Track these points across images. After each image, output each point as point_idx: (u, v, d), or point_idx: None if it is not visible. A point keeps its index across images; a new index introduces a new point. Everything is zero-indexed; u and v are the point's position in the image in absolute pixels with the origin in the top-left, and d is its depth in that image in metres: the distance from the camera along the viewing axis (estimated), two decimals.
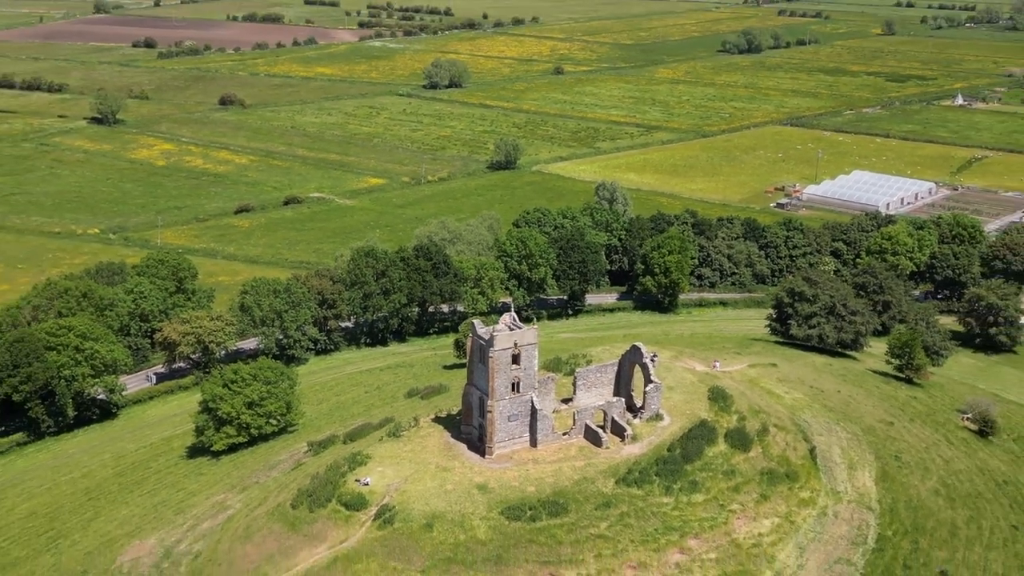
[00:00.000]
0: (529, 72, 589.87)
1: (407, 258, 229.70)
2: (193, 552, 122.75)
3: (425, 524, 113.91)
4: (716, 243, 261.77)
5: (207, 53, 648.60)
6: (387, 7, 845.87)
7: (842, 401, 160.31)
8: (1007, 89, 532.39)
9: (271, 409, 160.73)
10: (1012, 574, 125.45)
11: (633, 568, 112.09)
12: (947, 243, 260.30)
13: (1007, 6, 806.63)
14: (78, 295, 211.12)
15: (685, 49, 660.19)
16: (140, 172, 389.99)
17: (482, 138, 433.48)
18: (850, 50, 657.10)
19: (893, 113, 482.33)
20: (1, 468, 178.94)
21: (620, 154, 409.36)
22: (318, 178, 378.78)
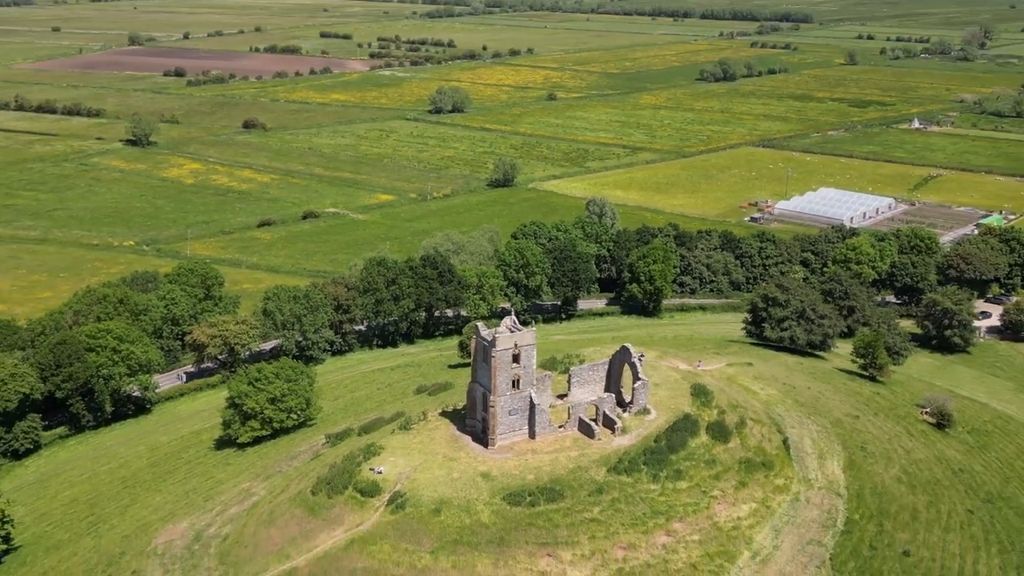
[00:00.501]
0: (525, 98, 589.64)
1: (415, 267, 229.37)
2: (221, 535, 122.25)
3: (434, 509, 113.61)
4: (696, 253, 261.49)
5: (231, 81, 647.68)
6: (395, 39, 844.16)
7: (812, 397, 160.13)
8: (959, 114, 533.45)
9: (292, 404, 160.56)
10: (968, 554, 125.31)
11: (623, 549, 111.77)
12: (906, 253, 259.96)
13: (958, 39, 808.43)
14: (115, 301, 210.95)
15: (666, 78, 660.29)
16: (171, 189, 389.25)
17: (482, 158, 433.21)
18: (816, 78, 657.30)
19: (856, 136, 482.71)
20: (45, 459, 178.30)
21: (608, 173, 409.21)
22: (333, 195, 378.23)
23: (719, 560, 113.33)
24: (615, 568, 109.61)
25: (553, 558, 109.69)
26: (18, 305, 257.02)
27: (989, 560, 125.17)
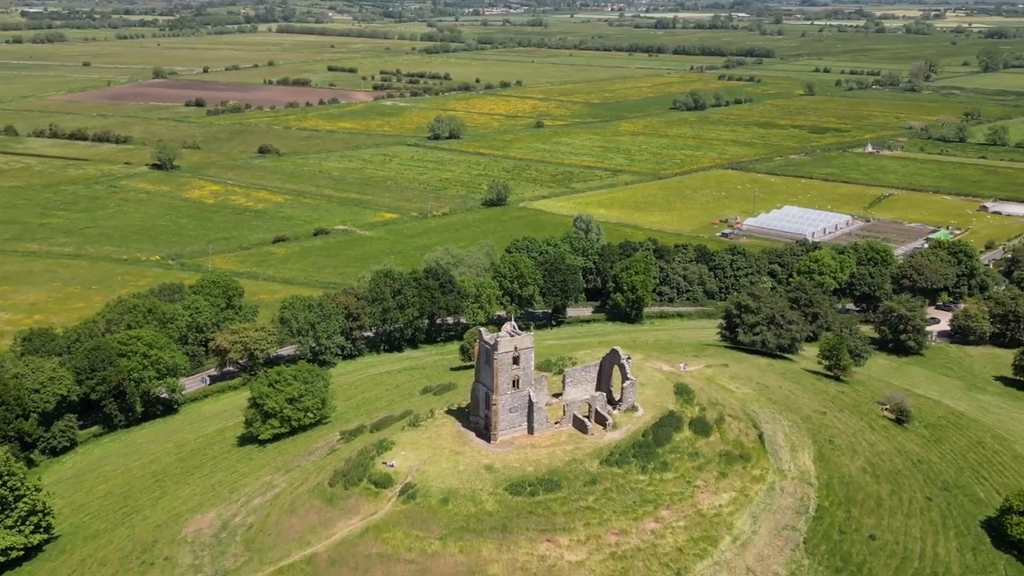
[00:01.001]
0: (515, 126, 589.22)
1: (419, 278, 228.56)
2: (247, 524, 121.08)
3: (442, 499, 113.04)
4: (673, 265, 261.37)
5: (247, 111, 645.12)
6: (396, 73, 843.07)
7: (783, 395, 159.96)
8: (908, 139, 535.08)
9: (308, 404, 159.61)
10: (928, 538, 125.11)
11: (616, 535, 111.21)
12: (863, 265, 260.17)
13: (905, 72, 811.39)
14: (144, 310, 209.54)
15: (643, 107, 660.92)
16: (193, 209, 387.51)
17: (477, 180, 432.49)
18: (778, 107, 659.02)
19: (815, 159, 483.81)
20: (81, 456, 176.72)
21: (591, 193, 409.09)
22: (342, 213, 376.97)
23: (703, 544, 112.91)
24: (608, 552, 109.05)
25: (552, 543, 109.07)
26: (54, 315, 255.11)
27: (947, 543, 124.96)
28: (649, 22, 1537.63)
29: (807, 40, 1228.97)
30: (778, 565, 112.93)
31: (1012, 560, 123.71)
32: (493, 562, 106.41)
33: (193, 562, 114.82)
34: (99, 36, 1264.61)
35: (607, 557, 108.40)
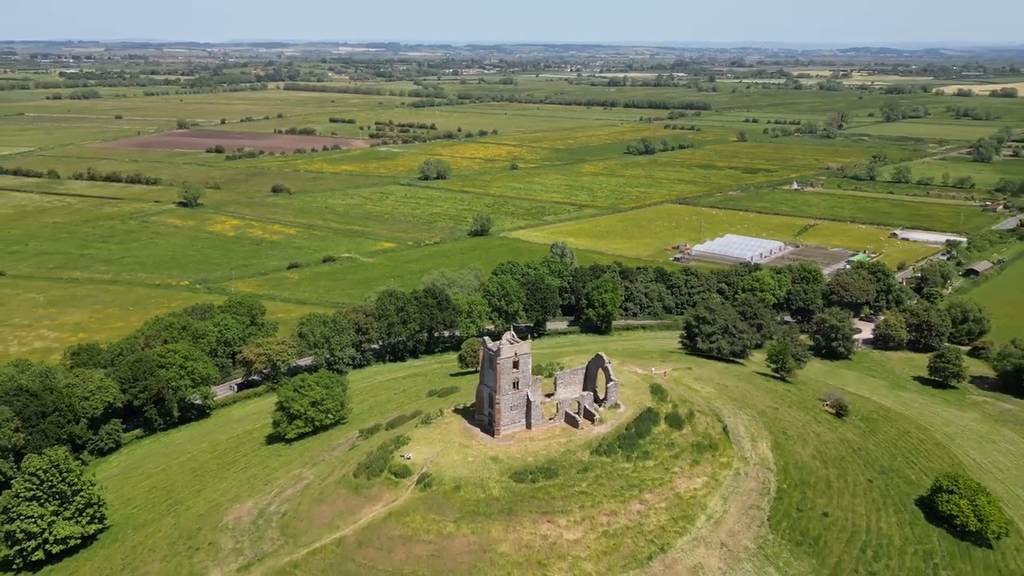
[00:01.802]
0: (493, 168, 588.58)
1: (419, 297, 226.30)
2: (281, 512, 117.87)
3: (454, 487, 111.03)
4: (636, 285, 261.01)
5: (261, 156, 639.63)
6: (389, 123, 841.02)
7: (740, 393, 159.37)
8: (827, 178, 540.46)
9: (329, 407, 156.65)
10: (872, 514, 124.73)
11: (607, 515, 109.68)
12: (798, 283, 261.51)
13: (822, 122, 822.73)
14: (179, 328, 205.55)
15: (601, 152, 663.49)
16: (216, 240, 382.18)
17: (463, 214, 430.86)
18: (716, 152, 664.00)
19: (749, 195, 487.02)
20: (125, 456, 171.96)
21: (561, 224, 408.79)
22: (346, 243, 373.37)
23: (682, 523, 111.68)
24: (601, 531, 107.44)
25: (552, 524, 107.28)
26: (96, 333, 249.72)
27: (888, 519, 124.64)
28: (603, 81, 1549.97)
29: (737, 95, 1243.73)
30: (747, 540, 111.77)
31: (943, 532, 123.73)
32: (501, 541, 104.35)
33: (235, 546, 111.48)
34: (129, 93, 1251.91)
35: (600, 535, 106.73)
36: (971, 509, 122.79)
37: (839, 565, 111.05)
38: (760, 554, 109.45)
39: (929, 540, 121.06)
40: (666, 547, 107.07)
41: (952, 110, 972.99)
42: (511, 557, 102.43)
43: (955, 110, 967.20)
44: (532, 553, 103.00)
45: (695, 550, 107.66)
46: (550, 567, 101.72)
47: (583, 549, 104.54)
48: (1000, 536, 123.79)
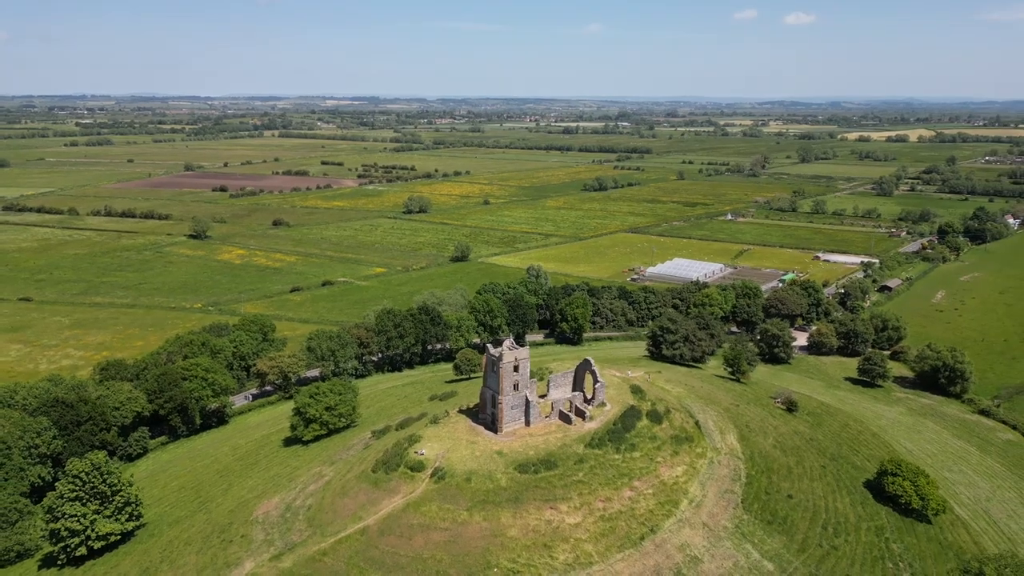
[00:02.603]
0: (468, 203, 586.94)
1: (414, 314, 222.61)
2: (306, 506, 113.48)
3: (466, 478, 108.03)
4: (603, 301, 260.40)
5: (261, 194, 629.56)
6: (374, 165, 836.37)
7: (706, 392, 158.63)
8: (755, 210, 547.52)
9: (343, 411, 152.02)
10: (828, 496, 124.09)
11: (603, 502, 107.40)
12: (741, 298, 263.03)
13: (747, 162, 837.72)
14: (199, 344, 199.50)
15: (561, 189, 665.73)
16: (225, 268, 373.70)
17: (444, 243, 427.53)
18: (660, 188, 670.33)
19: (691, 224, 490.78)
20: (151, 460, 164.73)
21: (531, 251, 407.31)
22: (342, 269, 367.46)
23: (668, 506, 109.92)
24: (598, 515, 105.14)
25: (554, 510, 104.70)
26: (119, 351, 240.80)
27: (842, 499, 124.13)
28: (558, 128, 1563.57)
29: (674, 141, 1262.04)
30: (725, 520, 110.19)
31: (890, 511, 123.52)
32: (511, 527, 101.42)
33: (265, 538, 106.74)
34: (138, 140, 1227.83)
35: (598, 519, 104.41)
36: (914, 489, 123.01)
37: (806, 541, 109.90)
38: (737, 532, 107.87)
39: (879, 517, 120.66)
40: (655, 528, 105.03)
41: (856, 153, 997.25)
42: (520, 541, 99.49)
43: (858, 153, 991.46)
44: (539, 537, 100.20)
45: (681, 530, 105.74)
46: (555, 549, 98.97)
47: (583, 532, 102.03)
48: (938, 512, 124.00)
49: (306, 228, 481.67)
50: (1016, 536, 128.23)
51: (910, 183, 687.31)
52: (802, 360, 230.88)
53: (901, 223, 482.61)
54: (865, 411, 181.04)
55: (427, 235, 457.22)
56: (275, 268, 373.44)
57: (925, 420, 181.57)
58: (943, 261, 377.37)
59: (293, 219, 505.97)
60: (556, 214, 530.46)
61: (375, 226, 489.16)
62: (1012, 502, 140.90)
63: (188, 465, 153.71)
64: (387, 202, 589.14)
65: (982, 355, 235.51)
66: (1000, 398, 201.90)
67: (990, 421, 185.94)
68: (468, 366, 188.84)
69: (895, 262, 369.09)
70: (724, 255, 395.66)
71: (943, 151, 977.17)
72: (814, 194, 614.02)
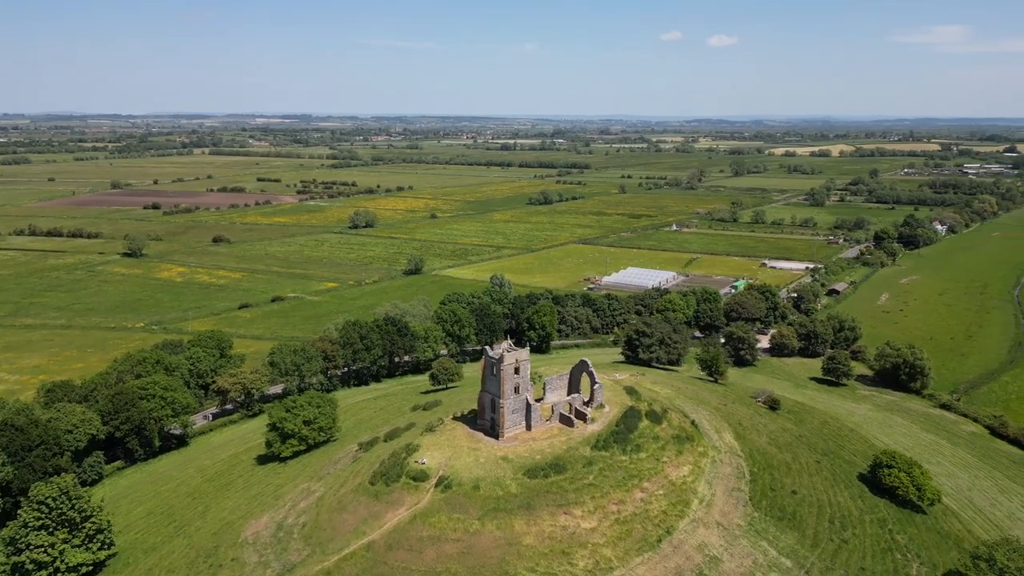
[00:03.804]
0: (414, 217, 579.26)
1: (380, 325, 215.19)
2: (300, 523, 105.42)
3: (473, 486, 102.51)
4: (567, 309, 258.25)
5: (197, 211, 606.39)
6: (314, 181, 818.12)
7: (692, 393, 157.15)
8: (698, 220, 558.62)
9: (322, 425, 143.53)
10: (828, 490, 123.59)
11: (616, 504, 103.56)
12: (702, 303, 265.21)
13: (685, 176, 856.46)
14: (152, 361, 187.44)
15: (507, 203, 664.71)
16: (165, 286, 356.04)
17: (395, 256, 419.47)
18: (603, 201, 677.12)
19: (638, 235, 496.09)
20: (108, 487, 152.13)
21: (484, 263, 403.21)
22: (291, 285, 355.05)
23: (680, 507, 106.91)
24: (613, 519, 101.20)
25: (568, 515, 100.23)
26: (57, 374, 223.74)
27: (841, 493, 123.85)
28: (496, 145, 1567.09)
29: (611, 157, 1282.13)
30: (737, 518, 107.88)
31: (888, 503, 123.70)
32: (525, 534, 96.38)
33: (259, 560, 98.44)
34: (58, 159, 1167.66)
35: (613, 523, 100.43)
36: (909, 480, 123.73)
37: (817, 535, 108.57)
38: (751, 530, 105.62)
39: (879, 510, 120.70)
40: (671, 530, 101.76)
41: (784, 166, 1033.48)
42: (536, 548, 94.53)
43: (786, 166, 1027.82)
44: (555, 543, 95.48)
45: (696, 531, 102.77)
46: (573, 555, 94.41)
47: (600, 536, 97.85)
48: (933, 503, 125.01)
49: (248, 244, 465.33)
50: (1002, 523, 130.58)
51: (839, 194, 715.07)
52: (766, 362, 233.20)
53: (838, 231, 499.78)
54: (837, 408, 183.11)
55: (376, 249, 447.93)
56: (220, 285, 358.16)
57: (893, 415, 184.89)
58: (882, 266, 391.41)
59: (234, 235, 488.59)
60: (505, 227, 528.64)
61: (321, 241, 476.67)
62: (991, 491, 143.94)
63: (151, 490, 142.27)
64: (331, 217, 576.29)
65: (933, 353, 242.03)
66: (957, 393, 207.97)
67: (952, 415, 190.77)
68: (445, 376, 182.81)
69: (838, 267, 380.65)
70: (675, 264, 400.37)
71: (865, 164, 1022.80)
72: (751, 205, 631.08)
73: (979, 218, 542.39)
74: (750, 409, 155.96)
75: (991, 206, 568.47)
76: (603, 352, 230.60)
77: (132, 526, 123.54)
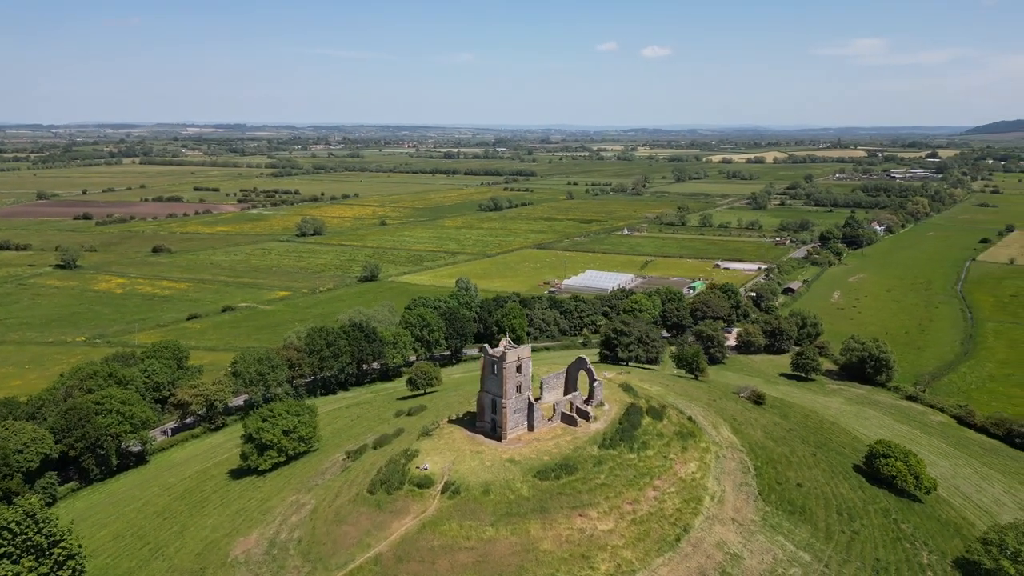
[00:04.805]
0: (364, 224, 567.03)
1: (347, 331, 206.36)
2: (294, 539, 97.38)
3: (483, 491, 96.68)
4: (535, 311, 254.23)
5: (132, 221, 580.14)
6: (255, 190, 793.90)
7: (682, 390, 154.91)
8: (648, 224, 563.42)
9: (302, 434, 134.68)
10: (830, 481, 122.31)
11: (630, 504, 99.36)
12: (668, 303, 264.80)
13: (629, 183, 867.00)
14: (104, 375, 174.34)
15: (457, 210, 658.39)
16: (105, 298, 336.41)
17: (348, 264, 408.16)
18: (553, 207, 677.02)
19: (592, 239, 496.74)
20: (63, 509, 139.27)
21: (440, 268, 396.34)
22: (241, 294, 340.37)
23: (693, 504, 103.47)
24: (629, 519, 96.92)
25: (584, 517, 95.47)
26: None
27: (841, 484, 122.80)
28: (439, 154, 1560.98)
29: (554, 164, 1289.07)
30: (750, 513, 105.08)
31: (887, 492, 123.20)
32: (542, 539, 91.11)
33: None
34: None
35: (630, 523, 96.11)
36: (907, 469, 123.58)
37: (829, 528, 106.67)
38: (766, 525, 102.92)
39: (880, 500, 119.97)
40: (688, 528, 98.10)
41: (723, 173, 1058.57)
42: (555, 554, 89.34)
43: (725, 172, 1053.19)
44: (574, 547, 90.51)
45: (712, 528, 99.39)
46: (594, 559, 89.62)
47: (619, 538, 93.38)
48: (930, 491, 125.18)
49: (191, 254, 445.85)
50: (990, 508, 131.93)
51: (779, 198, 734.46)
52: (734, 359, 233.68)
53: (784, 232, 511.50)
54: (813, 402, 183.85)
55: (327, 257, 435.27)
56: (164, 296, 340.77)
57: (865, 408, 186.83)
58: (830, 265, 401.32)
59: (175, 245, 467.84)
60: (457, 233, 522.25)
61: (268, 250, 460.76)
62: (973, 478, 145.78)
63: (114, 511, 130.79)
64: (276, 226, 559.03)
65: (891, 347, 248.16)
66: (921, 384, 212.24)
67: (920, 406, 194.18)
68: (424, 380, 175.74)
69: (790, 267, 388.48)
70: (631, 266, 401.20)
71: (798, 170, 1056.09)
72: (697, 209, 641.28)
73: (913, 219, 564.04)
74: (738, 404, 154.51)
75: (924, 207, 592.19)
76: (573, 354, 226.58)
77: (100, 550, 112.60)
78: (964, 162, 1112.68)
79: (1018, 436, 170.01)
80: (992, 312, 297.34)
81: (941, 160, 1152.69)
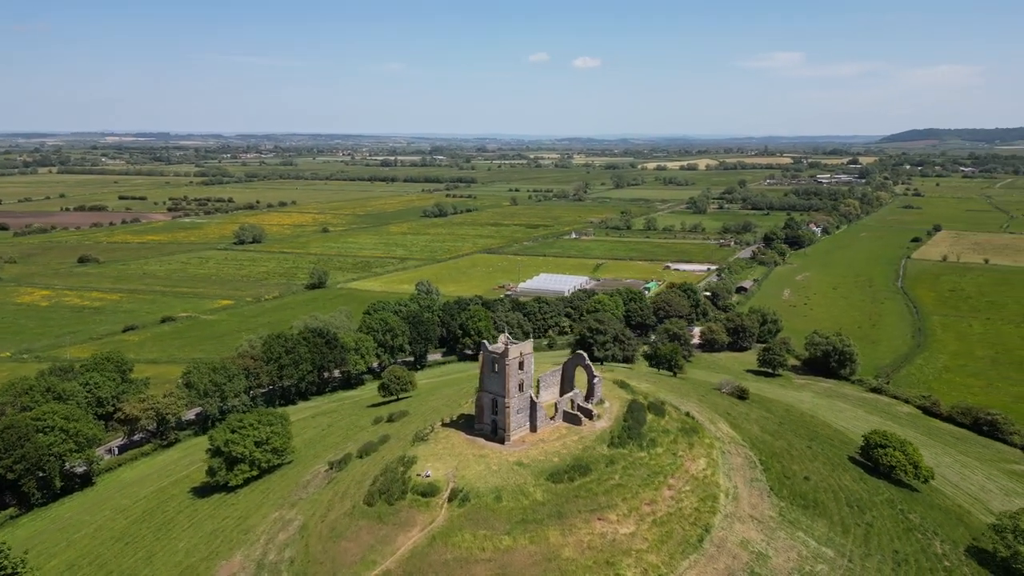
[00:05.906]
0: (304, 231, 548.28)
1: (307, 337, 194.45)
2: (286, 559, 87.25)
3: (494, 497, 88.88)
4: (498, 314, 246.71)
5: (53, 231, 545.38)
6: (185, 198, 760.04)
7: (671, 387, 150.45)
8: (594, 229, 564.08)
9: (276, 446, 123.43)
10: (832, 473, 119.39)
11: (648, 504, 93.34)
12: (631, 303, 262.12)
13: (571, 189, 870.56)
14: (40, 390, 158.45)
15: (401, 216, 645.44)
16: (29, 311, 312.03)
17: (292, 271, 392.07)
18: (498, 213, 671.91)
19: (541, 244, 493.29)
20: (4, 537, 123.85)
21: (390, 275, 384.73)
22: (180, 304, 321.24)
23: (709, 502, 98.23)
24: (650, 521, 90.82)
25: (603, 520, 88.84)
26: None
27: (842, 475, 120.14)
28: (376, 162, 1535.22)
29: (493, 172, 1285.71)
30: (767, 509, 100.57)
31: (887, 483, 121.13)
32: (563, 546, 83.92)
33: None
34: None
35: (650, 525, 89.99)
36: (906, 459, 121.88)
37: (844, 522, 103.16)
38: (784, 521, 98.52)
39: (883, 490, 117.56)
40: (708, 528, 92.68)
41: (660, 179, 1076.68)
42: (578, 561, 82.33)
43: (662, 179, 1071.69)
44: (597, 554, 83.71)
45: (733, 526, 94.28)
46: (619, 565, 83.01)
47: (641, 542, 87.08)
48: (927, 480, 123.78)
49: (122, 264, 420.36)
50: (979, 496, 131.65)
51: (717, 202, 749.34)
52: (700, 357, 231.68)
53: (727, 235, 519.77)
54: (788, 397, 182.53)
55: (269, 264, 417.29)
56: (95, 308, 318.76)
57: (835, 401, 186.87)
58: (775, 264, 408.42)
59: (104, 255, 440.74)
60: (404, 239, 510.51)
61: (205, 258, 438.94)
62: (955, 466, 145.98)
63: (62, 538, 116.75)
64: (210, 234, 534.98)
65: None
66: (882, 377, 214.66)
67: (885, 398, 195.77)
68: (398, 385, 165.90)
69: (739, 267, 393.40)
70: (583, 269, 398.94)
71: (731, 176, 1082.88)
72: (639, 214, 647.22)
73: (846, 220, 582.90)
74: (726, 399, 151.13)
75: (856, 209, 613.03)
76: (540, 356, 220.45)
77: None
78: (884, 168, 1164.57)
79: (985, 424, 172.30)
80: (935, 306, 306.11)
81: (863, 166, 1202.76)
